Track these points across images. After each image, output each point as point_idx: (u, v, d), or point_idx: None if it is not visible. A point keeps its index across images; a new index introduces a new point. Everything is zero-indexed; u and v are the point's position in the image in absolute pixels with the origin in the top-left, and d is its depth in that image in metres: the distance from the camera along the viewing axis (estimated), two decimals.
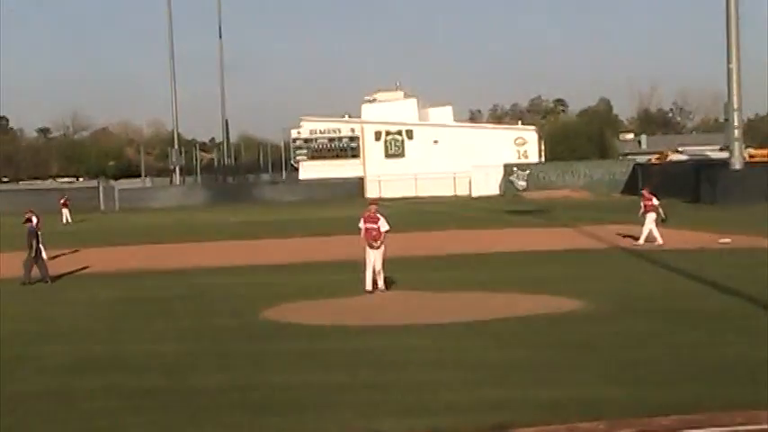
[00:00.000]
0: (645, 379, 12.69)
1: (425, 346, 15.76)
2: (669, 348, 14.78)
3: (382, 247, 22.37)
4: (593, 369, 13.44)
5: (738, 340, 15.31)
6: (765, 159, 76.28)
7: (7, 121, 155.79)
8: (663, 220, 33.36)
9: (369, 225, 22.57)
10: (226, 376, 13.88)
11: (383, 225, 22.59)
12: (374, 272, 22.38)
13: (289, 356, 15.22)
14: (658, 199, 33.75)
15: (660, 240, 32.41)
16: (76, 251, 38.35)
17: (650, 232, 32.81)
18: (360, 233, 22.77)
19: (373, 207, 23.30)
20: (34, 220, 28.01)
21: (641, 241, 32.61)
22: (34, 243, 27.26)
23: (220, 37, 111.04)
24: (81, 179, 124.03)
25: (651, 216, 32.96)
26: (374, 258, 22.35)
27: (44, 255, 27.95)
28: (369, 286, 22.33)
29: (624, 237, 34.92)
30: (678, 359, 13.96)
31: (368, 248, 22.42)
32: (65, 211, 64.84)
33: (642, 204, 33.66)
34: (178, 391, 13.03)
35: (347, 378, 13.45)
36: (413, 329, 17.38)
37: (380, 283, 22.44)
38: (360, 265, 23.02)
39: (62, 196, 69.38)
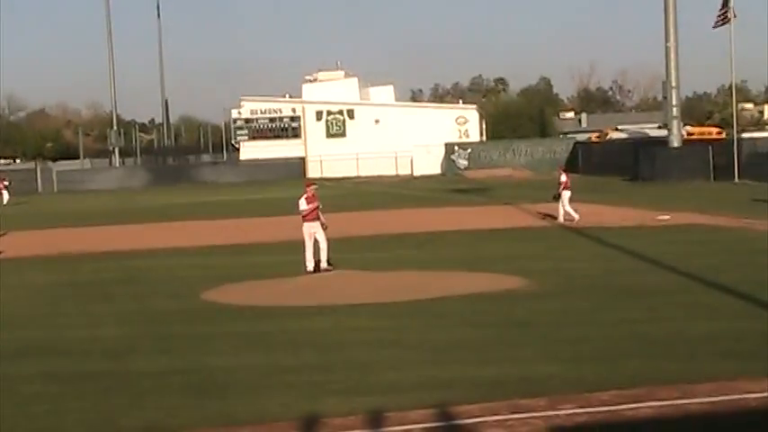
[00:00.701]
0: (585, 355, 12.81)
1: (368, 325, 15.76)
2: (609, 325, 14.92)
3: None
4: (535, 346, 13.53)
5: (676, 316, 15.51)
6: (703, 137, 77.24)
7: None
8: (555, 198, 33.90)
9: (313, 205, 22.60)
10: (167, 359, 13.76)
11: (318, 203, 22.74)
12: (318, 251, 22.35)
13: (230, 338, 15.13)
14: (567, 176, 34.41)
15: (561, 219, 33.37)
16: (4, 234, 37.71)
17: (565, 208, 33.52)
18: (302, 214, 22.66)
19: (313, 186, 23.33)
20: None
21: (576, 216, 33.04)
22: None
23: (159, 17, 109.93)
24: (17, 161, 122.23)
25: (566, 194, 33.55)
26: (319, 238, 22.34)
27: None
28: (310, 266, 22.30)
29: (549, 217, 34.90)
30: (618, 335, 14.10)
31: (309, 229, 22.39)
32: (4, 193, 64.41)
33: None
34: (119, 375, 12.90)
35: (289, 359, 13.41)
36: (355, 309, 17.37)
37: (325, 263, 22.45)
38: (301, 246, 22.95)
39: (2, 178, 68.81)
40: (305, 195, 22.77)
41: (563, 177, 33.86)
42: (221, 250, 28.91)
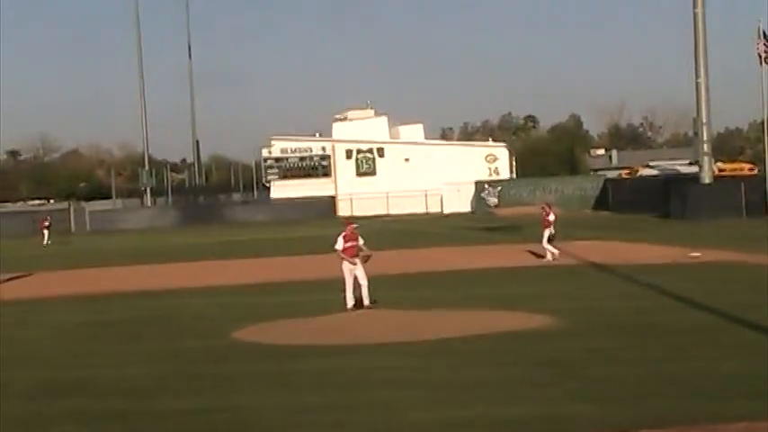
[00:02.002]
0: (612, 395, 12.72)
1: (394, 365, 15.73)
2: (637, 364, 14.83)
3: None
4: (561, 386, 13.45)
5: (706, 354, 15.38)
6: (735, 173, 76.85)
7: None
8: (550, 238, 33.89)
9: (351, 243, 22.59)
10: (194, 399, 13.79)
11: (360, 240, 22.70)
12: (357, 287, 22.34)
13: (257, 378, 15.15)
14: (555, 214, 34.36)
15: (550, 257, 33.48)
16: (30, 274, 37.88)
17: (545, 245, 33.46)
18: (338, 252, 22.65)
19: (353, 225, 23.30)
20: None
21: (549, 257, 33.01)
22: None
23: (190, 57, 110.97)
24: (51, 201, 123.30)
25: (548, 232, 33.48)
26: (358, 275, 22.34)
27: None
28: (350, 304, 22.29)
29: (538, 257, 34.83)
30: (646, 374, 14.00)
31: (349, 266, 22.39)
32: (45, 233, 65.12)
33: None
34: (146, 415, 12.95)
35: (315, 398, 13.41)
36: (381, 349, 17.35)
37: (367, 300, 22.41)
38: (337, 284, 22.91)
39: (44, 218, 69.65)
40: (343, 233, 22.79)
41: (551, 216, 33.83)
42: (252, 289, 28.99)
